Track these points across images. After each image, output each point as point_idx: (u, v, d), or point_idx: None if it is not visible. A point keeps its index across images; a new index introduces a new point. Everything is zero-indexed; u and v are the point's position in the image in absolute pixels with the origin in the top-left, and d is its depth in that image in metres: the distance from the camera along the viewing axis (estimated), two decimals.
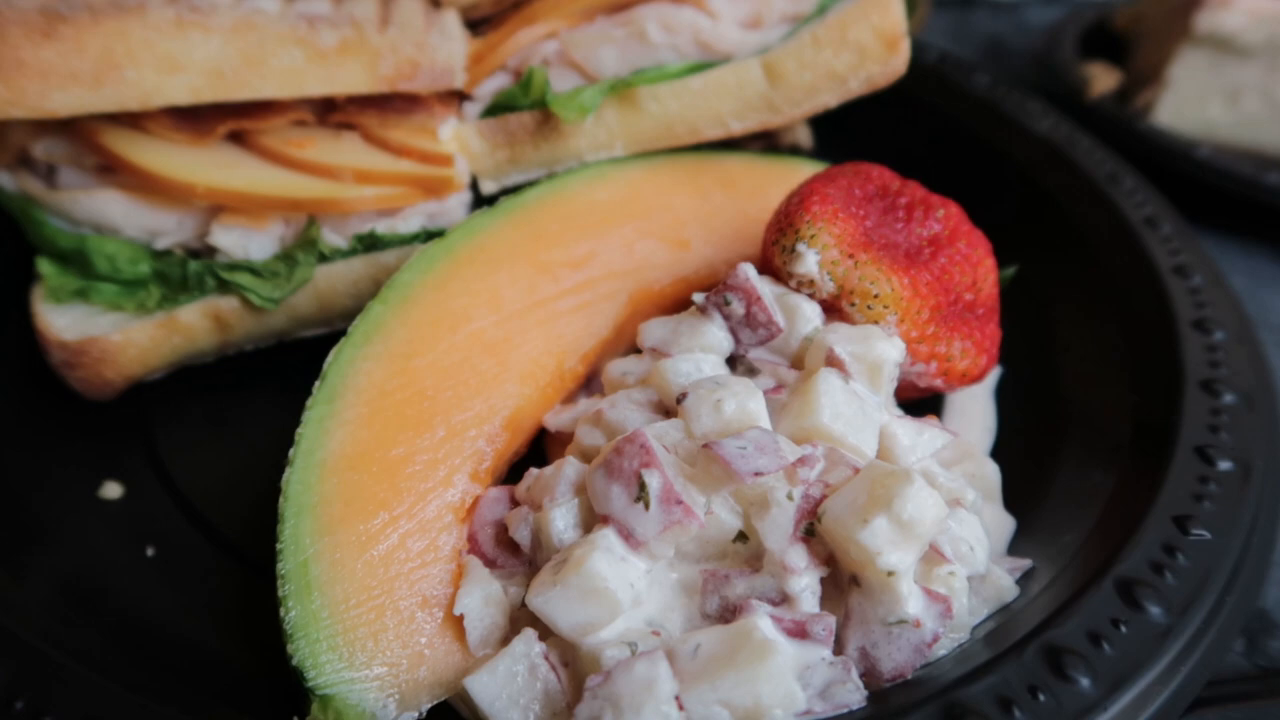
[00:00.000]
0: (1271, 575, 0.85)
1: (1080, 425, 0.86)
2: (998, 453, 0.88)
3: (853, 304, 0.78)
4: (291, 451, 0.69)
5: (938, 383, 0.82)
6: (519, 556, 0.69)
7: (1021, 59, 1.72)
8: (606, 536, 0.63)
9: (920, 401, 0.87)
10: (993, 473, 0.79)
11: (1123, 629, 0.61)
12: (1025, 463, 0.85)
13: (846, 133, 1.21)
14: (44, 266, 0.88)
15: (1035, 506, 0.80)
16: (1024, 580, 0.71)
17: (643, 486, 0.63)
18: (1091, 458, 0.82)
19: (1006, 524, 0.78)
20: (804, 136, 1.25)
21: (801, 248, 0.78)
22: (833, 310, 0.80)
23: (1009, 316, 0.91)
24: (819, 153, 1.22)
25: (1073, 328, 0.96)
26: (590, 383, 0.87)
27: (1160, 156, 1.31)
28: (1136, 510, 0.70)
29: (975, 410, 0.90)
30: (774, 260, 0.81)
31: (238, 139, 0.93)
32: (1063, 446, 0.86)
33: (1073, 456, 0.83)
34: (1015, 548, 0.77)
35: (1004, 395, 0.94)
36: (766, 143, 1.23)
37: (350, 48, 0.91)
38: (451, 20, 0.99)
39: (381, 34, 0.92)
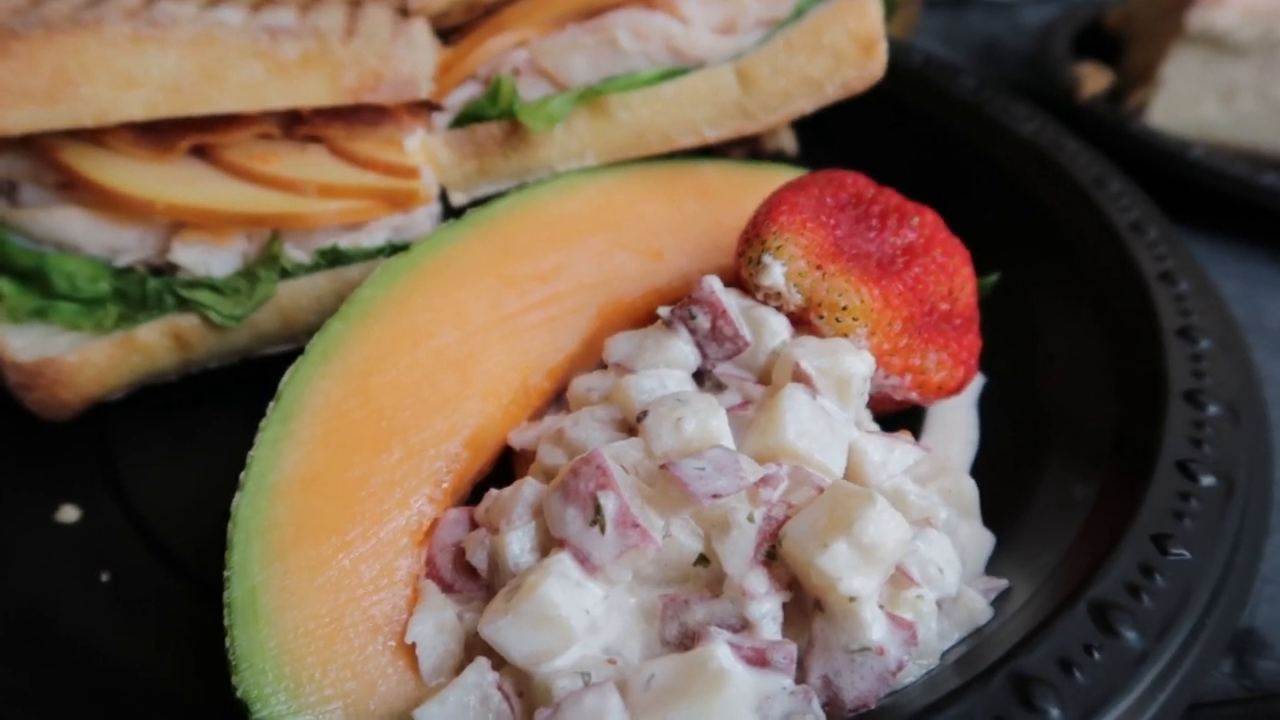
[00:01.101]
0: (1262, 593, 0.83)
1: (1063, 437, 0.84)
2: (980, 464, 0.86)
3: (821, 316, 0.76)
4: (243, 474, 0.67)
5: (913, 395, 0.80)
6: (477, 581, 0.67)
7: (1015, 60, 1.70)
8: (562, 561, 0.61)
9: (901, 414, 0.85)
10: (970, 489, 0.77)
11: (1095, 655, 0.58)
12: (1007, 475, 0.83)
13: (831, 138, 1.19)
14: (3, 285, 0.86)
15: (1016, 521, 0.78)
16: (1000, 601, 0.69)
17: (598, 509, 0.61)
18: (1073, 471, 0.79)
19: (985, 541, 0.76)
20: (788, 142, 1.23)
21: (767, 259, 0.76)
22: (802, 323, 0.77)
23: (993, 323, 0.89)
24: (803, 158, 1.20)
25: (1057, 336, 0.93)
26: (559, 399, 0.85)
27: (1153, 158, 1.29)
28: (1115, 528, 0.68)
29: (956, 422, 0.88)
30: (742, 272, 0.79)
31: (201, 154, 0.91)
32: (1045, 459, 0.83)
33: (1055, 469, 0.81)
34: (994, 565, 0.75)
35: (987, 405, 0.91)
36: (750, 149, 1.21)
37: (312, 60, 0.89)
38: (420, 30, 0.97)
39: (345, 45, 0.91)
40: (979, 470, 0.85)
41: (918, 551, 0.64)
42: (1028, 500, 0.79)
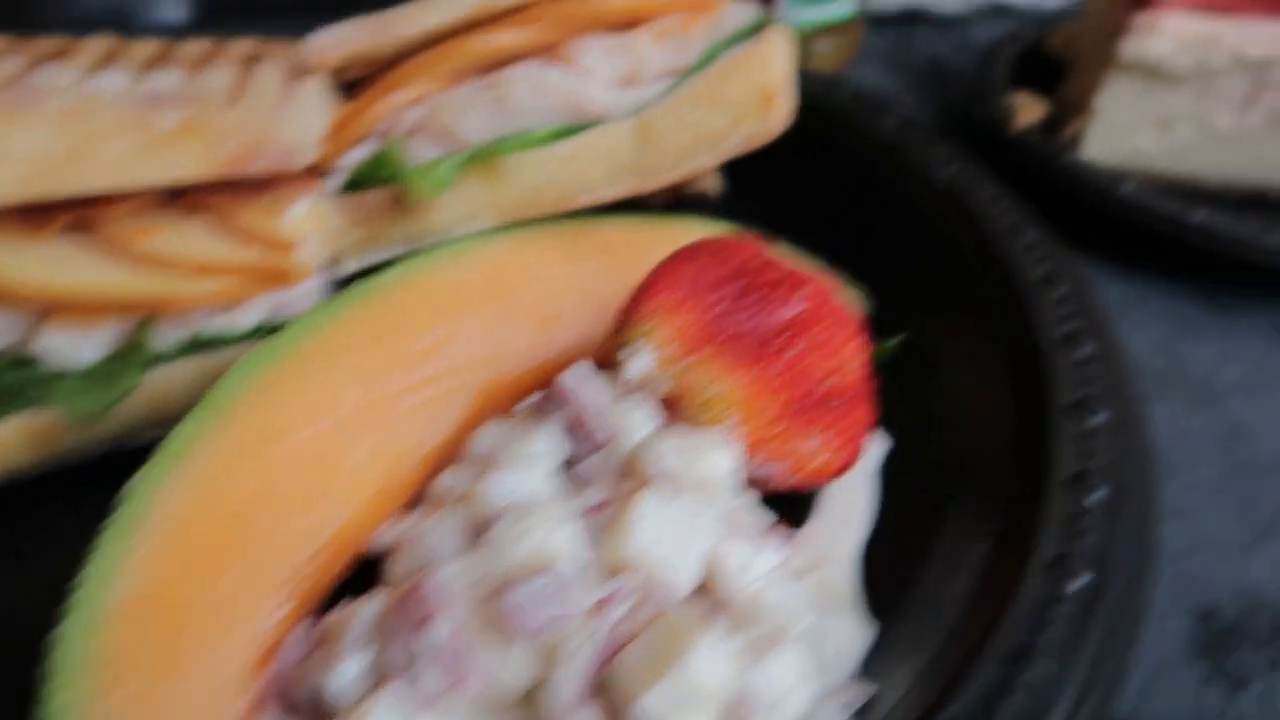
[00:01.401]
0: (1156, 683, 0.80)
1: (954, 517, 0.81)
2: (876, 539, 0.83)
3: (690, 405, 0.73)
4: (68, 601, 0.65)
5: (794, 480, 0.77)
6: (316, 712, 0.64)
7: (960, 81, 1.66)
8: (389, 696, 0.58)
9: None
10: (845, 584, 0.74)
11: None
12: (900, 553, 0.80)
13: (755, 180, 1.16)
14: None
15: (900, 608, 0.75)
16: (868, 708, 0.66)
17: (426, 641, 0.58)
18: (960, 559, 0.77)
19: (860, 636, 0.73)
20: (711, 184, 1.21)
21: (634, 346, 0.73)
22: (675, 411, 0.75)
23: (899, 380, 0.87)
24: (727, 200, 1.18)
25: (957, 402, 0.90)
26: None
27: (1083, 192, 1.25)
28: (979, 635, 0.65)
29: (849, 500, 0.85)
30: (614, 355, 0.77)
31: (79, 227, 0.89)
32: (937, 537, 0.80)
33: (943, 554, 0.78)
34: (874, 658, 0.72)
35: (890, 470, 0.88)
36: (673, 193, 1.18)
37: (190, 130, 0.86)
38: (313, 89, 0.94)
39: (227, 112, 0.87)
40: (874, 544, 0.82)
41: (761, 677, 0.61)
42: (913, 585, 0.77)
